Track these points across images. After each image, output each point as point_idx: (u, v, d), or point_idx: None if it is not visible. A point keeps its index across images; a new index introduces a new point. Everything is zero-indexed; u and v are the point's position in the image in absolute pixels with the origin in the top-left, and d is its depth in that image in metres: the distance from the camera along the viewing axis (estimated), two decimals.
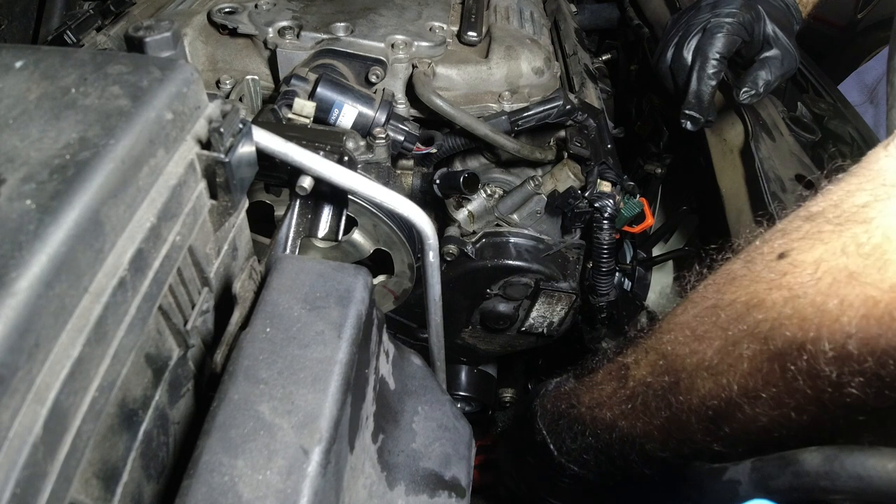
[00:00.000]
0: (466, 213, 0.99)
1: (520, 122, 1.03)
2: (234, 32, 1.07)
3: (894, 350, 0.45)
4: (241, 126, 0.53)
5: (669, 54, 1.07)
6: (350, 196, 0.81)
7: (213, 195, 0.54)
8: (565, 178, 1.04)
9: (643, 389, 0.66)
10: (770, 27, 1.03)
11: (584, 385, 0.77)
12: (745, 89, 1.02)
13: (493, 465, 1.08)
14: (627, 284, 1.29)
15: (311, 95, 0.93)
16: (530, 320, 1.07)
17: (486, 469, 1.10)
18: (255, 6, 1.10)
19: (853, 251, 0.48)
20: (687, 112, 1.02)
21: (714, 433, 0.59)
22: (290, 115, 0.88)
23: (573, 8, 1.60)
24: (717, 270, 0.61)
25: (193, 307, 0.56)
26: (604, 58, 1.60)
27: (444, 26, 1.12)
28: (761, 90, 1.02)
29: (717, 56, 1.00)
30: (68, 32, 1.00)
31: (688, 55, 1.04)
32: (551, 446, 0.79)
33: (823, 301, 0.48)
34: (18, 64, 0.48)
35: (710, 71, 1.01)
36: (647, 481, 0.74)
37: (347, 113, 0.94)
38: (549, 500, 0.87)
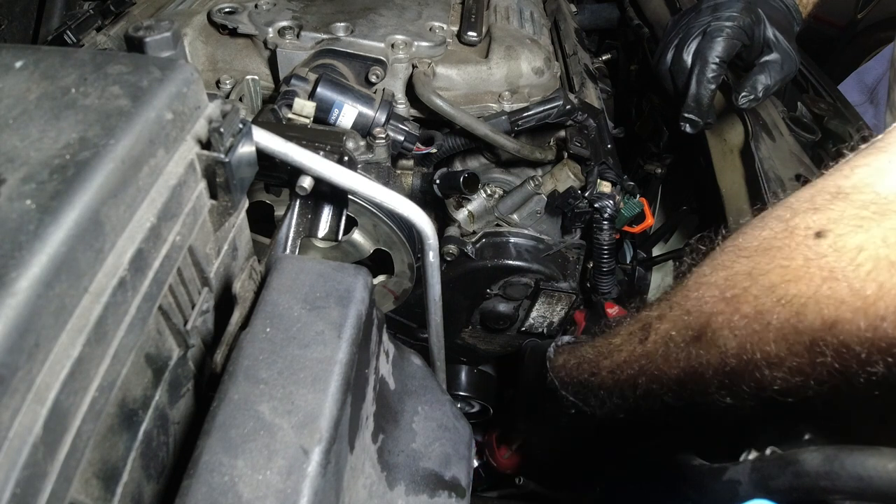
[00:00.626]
0: (466, 213, 0.99)
1: (520, 122, 1.03)
2: (234, 32, 1.07)
3: None
4: (241, 126, 0.53)
5: (669, 56, 1.07)
6: (350, 196, 0.81)
7: (213, 195, 0.54)
8: (565, 178, 1.04)
9: (665, 342, 0.68)
10: (770, 31, 1.03)
11: (603, 352, 0.79)
12: (744, 94, 1.02)
13: (524, 446, 1.10)
14: None
15: (311, 95, 0.93)
16: (530, 320, 1.07)
17: (519, 452, 1.12)
18: (255, 6, 1.10)
19: (894, 242, 0.51)
20: (686, 115, 1.02)
21: (728, 388, 0.61)
22: (290, 115, 0.88)
23: (573, 8, 1.60)
24: (744, 235, 0.63)
25: (193, 307, 0.56)
26: (604, 58, 1.60)
27: (444, 26, 1.12)
28: (760, 95, 1.03)
29: (717, 60, 1.00)
30: (68, 32, 1.00)
31: (687, 58, 1.04)
32: (585, 409, 0.82)
33: (862, 286, 0.51)
34: (18, 64, 0.48)
35: (710, 75, 1.01)
36: (640, 471, 0.76)
37: (347, 113, 0.94)
38: (589, 448, 0.89)
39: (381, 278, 0.97)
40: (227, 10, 1.09)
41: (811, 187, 0.60)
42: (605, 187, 1.00)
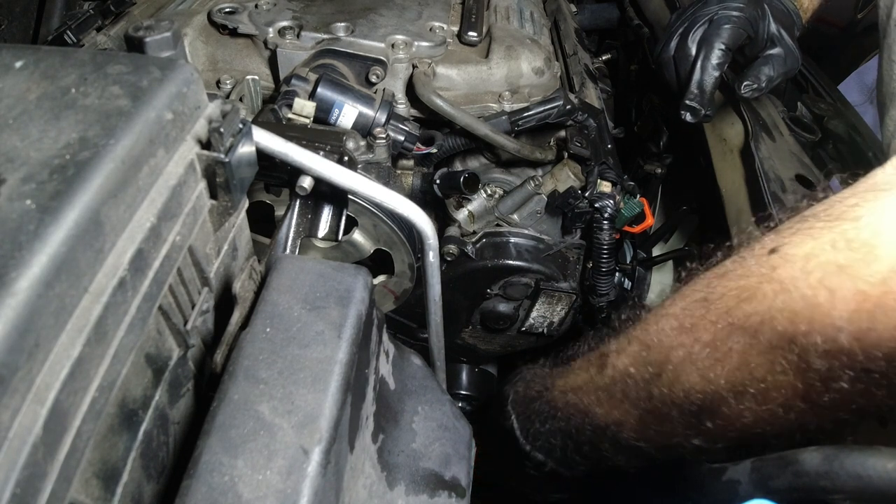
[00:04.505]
0: (466, 213, 0.99)
1: (520, 122, 1.03)
2: (234, 32, 1.07)
3: (884, 345, 0.46)
4: (241, 126, 0.53)
5: (673, 44, 1.06)
6: (350, 196, 0.81)
7: (213, 195, 0.54)
8: (565, 178, 1.04)
9: (623, 378, 0.65)
10: (774, 26, 1.03)
11: (559, 370, 0.77)
12: (747, 83, 1.01)
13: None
14: (627, 284, 1.29)
15: (312, 95, 0.92)
16: (530, 320, 1.07)
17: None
18: (256, 6, 1.10)
19: (843, 246, 0.48)
20: (688, 103, 1.00)
21: (695, 427, 0.59)
22: (290, 115, 0.88)
23: (573, 8, 1.60)
24: (708, 267, 0.62)
25: (193, 307, 0.56)
26: (604, 58, 1.59)
27: (445, 26, 1.12)
28: (763, 85, 1.02)
29: (723, 47, 0.99)
30: (68, 32, 1.00)
31: (692, 45, 1.03)
32: (517, 432, 0.79)
33: (814, 294, 0.49)
34: (18, 64, 0.48)
35: (715, 61, 0.99)
36: (621, 474, 0.74)
37: (348, 113, 0.94)
38: (521, 489, 0.87)
39: (381, 278, 0.97)
40: (227, 10, 1.09)
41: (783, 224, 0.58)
42: (605, 187, 1.00)
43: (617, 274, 1.13)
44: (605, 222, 0.98)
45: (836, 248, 0.49)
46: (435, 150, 1.03)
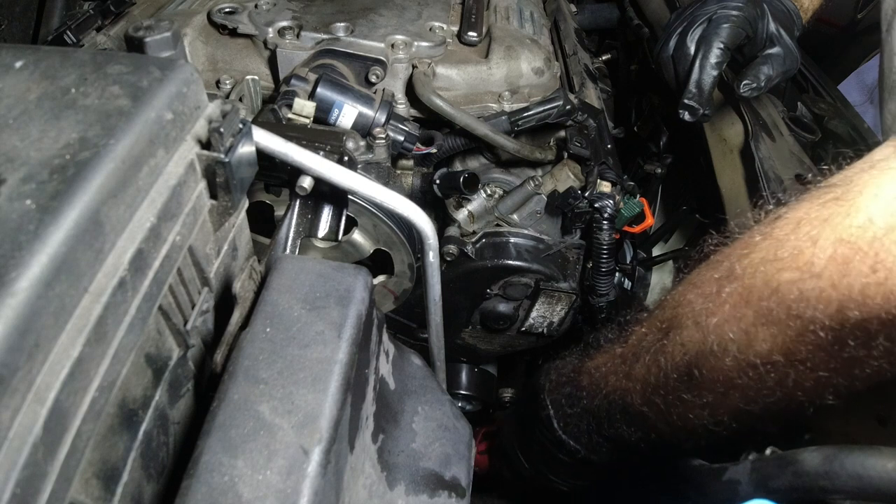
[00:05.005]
0: (466, 213, 0.99)
1: (520, 122, 1.03)
2: (234, 32, 1.07)
3: (856, 290, 0.49)
4: (241, 126, 0.53)
5: (672, 43, 1.06)
6: (350, 196, 0.81)
7: (213, 195, 0.54)
8: (565, 178, 1.04)
9: (639, 341, 0.70)
10: (773, 26, 1.03)
11: (590, 353, 0.80)
12: (746, 82, 1.02)
13: (497, 449, 1.09)
14: (627, 284, 1.29)
15: (311, 95, 0.93)
16: (530, 320, 1.07)
17: (493, 454, 1.11)
18: (255, 6, 1.10)
19: (831, 204, 0.53)
20: (686, 102, 1.00)
21: (686, 382, 0.63)
22: (290, 115, 0.88)
23: (573, 8, 1.60)
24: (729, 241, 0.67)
25: (193, 307, 0.56)
26: (604, 58, 1.59)
27: (444, 26, 1.12)
28: (762, 84, 1.02)
29: (722, 46, 1.00)
30: (68, 32, 1.00)
31: (691, 45, 1.03)
32: (554, 422, 0.81)
33: (799, 244, 0.53)
34: (18, 64, 0.48)
35: (714, 60, 1.00)
36: (629, 471, 0.77)
37: (347, 113, 0.94)
38: (550, 477, 0.89)
39: (381, 278, 0.97)
40: (227, 10, 1.09)
41: None
42: (605, 187, 1.00)
43: (617, 274, 1.14)
44: (605, 222, 0.98)
45: (824, 205, 0.54)
46: (435, 150, 1.03)
